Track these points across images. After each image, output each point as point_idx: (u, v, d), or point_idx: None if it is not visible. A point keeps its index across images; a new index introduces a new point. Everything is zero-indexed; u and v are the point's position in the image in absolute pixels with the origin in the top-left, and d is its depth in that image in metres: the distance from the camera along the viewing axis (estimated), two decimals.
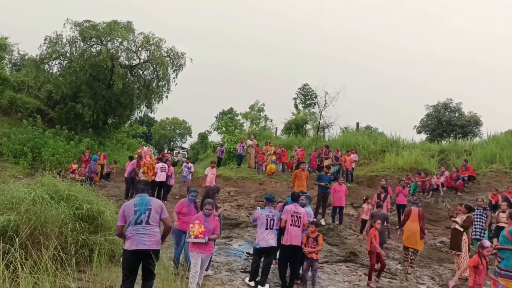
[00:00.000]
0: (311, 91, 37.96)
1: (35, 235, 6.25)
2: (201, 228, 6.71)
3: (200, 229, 6.70)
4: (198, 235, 6.67)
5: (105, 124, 28.60)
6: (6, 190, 7.14)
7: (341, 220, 13.17)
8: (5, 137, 21.90)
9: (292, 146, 22.82)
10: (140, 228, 5.49)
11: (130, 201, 5.85)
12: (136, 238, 5.42)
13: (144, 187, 5.95)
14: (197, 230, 6.70)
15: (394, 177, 17.75)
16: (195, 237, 6.66)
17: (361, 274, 9.15)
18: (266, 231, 7.66)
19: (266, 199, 8.12)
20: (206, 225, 6.77)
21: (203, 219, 6.83)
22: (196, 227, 6.71)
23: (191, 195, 7.99)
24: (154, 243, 5.52)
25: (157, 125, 65.77)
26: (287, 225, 7.77)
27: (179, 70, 28.36)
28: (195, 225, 6.75)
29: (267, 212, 7.80)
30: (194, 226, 6.73)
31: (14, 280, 4.62)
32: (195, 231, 6.69)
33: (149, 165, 15.54)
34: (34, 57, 26.55)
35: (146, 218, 5.56)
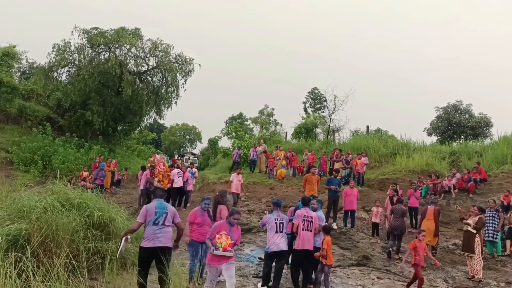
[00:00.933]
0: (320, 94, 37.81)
1: (46, 243, 6.25)
2: (228, 240, 6.21)
3: (228, 241, 6.19)
4: (227, 248, 6.16)
5: (115, 131, 28.70)
6: (17, 198, 7.19)
7: (353, 224, 13.06)
8: (15, 145, 22.04)
9: (303, 150, 22.68)
10: (157, 228, 6.17)
11: (151, 203, 6.49)
12: (153, 238, 6.11)
13: (162, 193, 6.89)
14: (225, 242, 6.17)
15: (405, 179, 17.64)
16: (224, 250, 6.14)
17: (374, 277, 9.07)
18: (276, 234, 7.61)
19: (273, 204, 8.18)
20: (231, 235, 6.38)
21: (228, 229, 6.41)
22: (224, 239, 6.19)
23: (204, 204, 7.66)
24: (168, 240, 6.25)
25: (167, 131, 65.94)
26: (299, 230, 7.74)
27: (187, 76, 28.41)
28: (222, 236, 6.21)
29: (275, 216, 7.78)
30: (221, 237, 6.20)
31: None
32: (223, 243, 6.16)
33: (164, 173, 15.19)
34: (42, 65, 26.74)
35: (162, 221, 6.23)
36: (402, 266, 9.02)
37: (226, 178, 21.39)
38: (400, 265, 9.16)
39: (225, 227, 6.43)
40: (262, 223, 8.09)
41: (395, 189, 13.49)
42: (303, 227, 7.73)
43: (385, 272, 9.57)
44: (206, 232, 7.10)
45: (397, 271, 9.76)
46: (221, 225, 6.48)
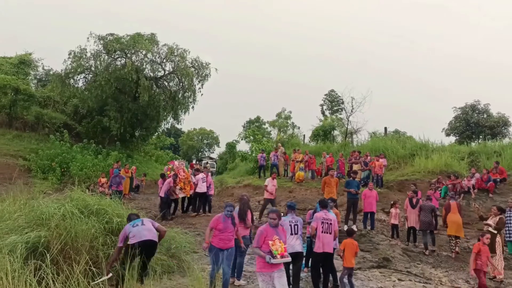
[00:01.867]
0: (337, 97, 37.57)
1: (66, 250, 6.23)
2: (283, 245, 5.86)
3: (283, 246, 5.84)
4: (284, 254, 5.81)
5: (132, 136, 28.88)
6: (36, 206, 7.20)
7: (372, 226, 13.00)
8: (33, 153, 22.25)
9: (321, 153, 22.45)
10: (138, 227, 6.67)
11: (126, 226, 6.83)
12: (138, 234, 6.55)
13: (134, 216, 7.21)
14: (281, 247, 5.80)
15: (424, 180, 17.42)
16: (282, 257, 5.78)
17: (395, 279, 8.95)
18: (291, 236, 7.60)
19: (288, 207, 8.20)
20: (280, 237, 6.02)
21: (274, 233, 6.01)
22: (278, 244, 5.81)
23: (226, 211, 7.38)
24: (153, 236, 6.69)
25: (185, 136, 66.36)
26: (318, 232, 7.74)
27: (204, 80, 28.54)
28: (275, 241, 5.83)
29: (290, 218, 7.81)
30: (275, 243, 5.81)
31: None
32: (278, 249, 5.78)
33: (185, 180, 14.81)
34: (59, 72, 27.06)
35: (141, 223, 6.77)
36: (472, 273, 8.66)
37: (245, 182, 21.30)
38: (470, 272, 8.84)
39: (272, 231, 6.02)
40: None
41: (414, 190, 13.28)
42: (322, 230, 7.74)
43: (406, 274, 9.42)
44: (227, 238, 7.00)
45: (418, 272, 9.64)
46: (266, 231, 6.05)
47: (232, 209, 7.38)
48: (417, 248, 11.70)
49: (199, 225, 13.04)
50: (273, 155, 21.69)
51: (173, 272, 7.80)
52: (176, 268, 7.93)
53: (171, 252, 8.14)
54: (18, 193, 8.73)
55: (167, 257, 7.88)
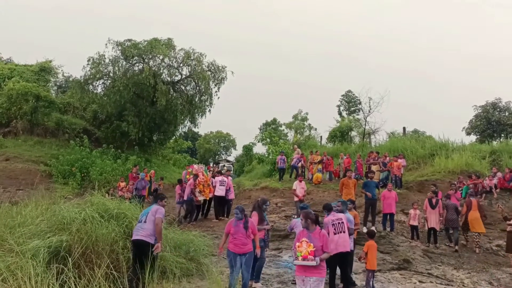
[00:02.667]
0: (354, 97, 37.45)
1: (87, 254, 6.29)
2: (310, 247, 5.70)
3: (309, 249, 5.68)
4: (307, 256, 5.67)
5: (150, 141, 29.17)
6: (57, 211, 7.31)
7: (392, 227, 12.83)
8: (54, 158, 22.64)
9: (338, 154, 22.27)
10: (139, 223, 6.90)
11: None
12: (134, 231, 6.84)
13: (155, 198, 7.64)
14: (306, 249, 5.68)
15: (445, 181, 17.15)
16: (304, 259, 5.68)
17: (416, 281, 8.89)
18: None
19: (300, 209, 8.43)
20: (312, 242, 5.86)
21: (307, 235, 5.90)
22: (304, 246, 5.71)
23: (235, 214, 7.39)
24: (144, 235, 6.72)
25: (202, 139, 66.73)
26: (330, 236, 7.61)
27: (220, 83, 28.66)
28: (302, 243, 5.75)
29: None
30: (301, 245, 5.74)
31: None
32: (302, 251, 5.70)
33: (204, 183, 14.67)
34: (78, 78, 27.57)
35: (144, 219, 6.89)
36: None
37: (262, 184, 21.26)
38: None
39: (305, 234, 5.94)
40: (290, 227, 8.38)
41: (434, 190, 13.09)
42: (334, 231, 7.73)
43: (427, 276, 9.32)
44: (241, 243, 6.98)
45: (440, 274, 9.55)
46: (302, 233, 6.02)
47: (238, 212, 7.30)
48: (438, 250, 11.54)
49: (217, 228, 13.09)
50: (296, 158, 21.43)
51: (192, 275, 7.84)
52: (195, 271, 7.97)
53: (189, 255, 8.19)
54: (40, 198, 8.92)
55: (186, 260, 7.92)
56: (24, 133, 25.45)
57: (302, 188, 14.54)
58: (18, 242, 6.07)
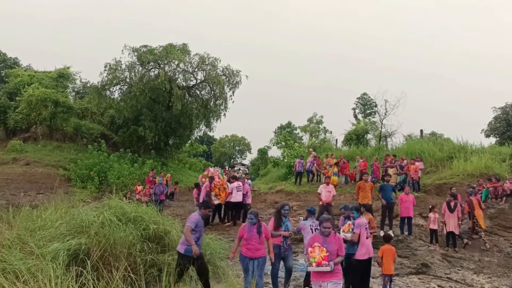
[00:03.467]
0: (370, 100, 37.05)
1: (105, 257, 6.34)
2: (323, 252, 5.60)
3: (322, 254, 5.59)
4: (321, 262, 5.57)
5: (166, 145, 29.46)
6: (76, 214, 7.40)
7: (410, 231, 12.67)
8: (73, 163, 23.06)
9: (354, 157, 22.12)
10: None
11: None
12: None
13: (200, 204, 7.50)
14: (319, 255, 5.58)
15: (463, 184, 16.84)
16: (318, 265, 5.58)
17: (435, 286, 8.79)
18: None
19: (308, 211, 8.47)
20: (327, 247, 5.75)
21: (322, 240, 5.80)
22: (317, 252, 5.61)
23: (248, 220, 7.30)
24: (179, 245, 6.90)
25: (217, 143, 66.94)
26: (362, 239, 7.65)
27: (235, 87, 28.78)
28: (314, 249, 5.65)
29: (310, 223, 8.09)
30: (314, 251, 5.64)
31: None
32: (316, 256, 5.61)
33: (220, 186, 14.45)
34: (95, 84, 27.95)
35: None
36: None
37: (277, 188, 21.22)
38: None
39: (319, 238, 5.85)
40: (298, 229, 8.37)
41: (452, 193, 12.87)
42: (366, 235, 7.73)
43: (446, 280, 9.19)
44: (254, 248, 6.94)
45: (459, 278, 9.39)
46: (313, 238, 5.97)
47: (252, 217, 7.23)
48: (457, 254, 11.34)
49: (233, 231, 13.07)
50: (310, 162, 21.25)
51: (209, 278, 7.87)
52: (211, 274, 7.97)
53: (205, 258, 8.22)
54: (59, 202, 9.07)
55: None
56: (44, 138, 25.99)
57: (328, 192, 13.61)
58: (38, 244, 6.17)
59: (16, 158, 23.34)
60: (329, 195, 13.49)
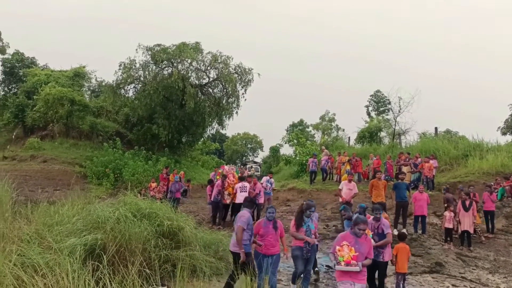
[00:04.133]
0: (383, 97, 36.74)
1: (121, 252, 6.43)
2: (352, 252, 5.45)
3: (351, 253, 5.43)
4: (350, 261, 5.41)
5: (179, 142, 29.68)
6: (92, 210, 7.50)
7: (424, 230, 12.52)
8: (88, 160, 23.45)
9: (367, 155, 21.98)
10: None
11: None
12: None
13: (245, 203, 7.40)
14: (348, 254, 5.42)
15: (479, 182, 16.60)
16: (347, 264, 5.42)
17: (449, 285, 8.65)
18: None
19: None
20: (358, 248, 5.57)
21: (353, 241, 5.63)
22: (346, 251, 5.45)
23: (268, 213, 7.19)
24: (232, 245, 6.94)
25: (229, 141, 67.14)
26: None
27: (247, 85, 28.86)
28: (343, 247, 5.49)
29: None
30: (343, 250, 5.47)
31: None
32: (344, 255, 5.44)
33: (234, 185, 13.85)
34: (110, 83, 28.35)
35: (235, 227, 6.96)
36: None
37: (290, 186, 21.23)
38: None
39: (350, 238, 5.68)
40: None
41: (466, 192, 12.72)
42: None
43: (461, 280, 9.03)
44: (269, 244, 6.92)
45: (474, 278, 9.22)
46: (344, 237, 5.78)
47: (273, 211, 7.19)
48: (472, 253, 11.18)
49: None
50: (324, 161, 21.05)
51: (221, 274, 7.90)
52: (225, 270, 8.04)
53: (219, 254, 8.32)
54: (75, 198, 9.24)
55: (216, 260, 8.02)
56: (60, 136, 26.42)
57: (349, 190, 13.15)
58: (56, 239, 6.26)
59: (34, 155, 23.81)
60: (349, 192, 13.11)
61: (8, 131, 27.93)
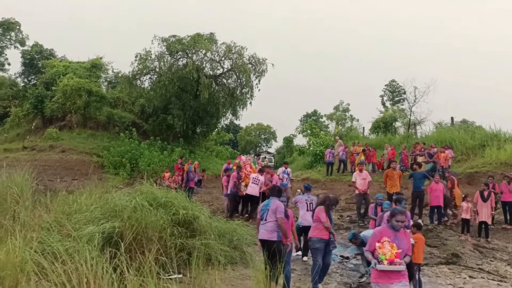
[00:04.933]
0: (398, 87, 36.29)
1: (138, 240, 6.55)
2: (394, 248, 4.79)
3: (393, 251, 4.77)
4: (394, 260, 4.73)
5: (194, 133, 29.90)
6: (110, 199, 7.62)
7: (439, 221, 12.44)
8: (106, 150, 23.82)
9: (381, 146, 21.82)
10: (262, 223, 6.88)
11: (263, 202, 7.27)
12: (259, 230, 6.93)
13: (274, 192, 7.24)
14: (390, 252, 4.76)
15: (496, 172, 16.29)
16: (390, 263, 4.73)
17: (466, 276, 8.52)
18: (307, 212, 8.79)
19: (305, 188, 9.62)
20: (398, 243, 4.91)
21: (392, 236, 4.95)
22: (387, 248, 4.78)
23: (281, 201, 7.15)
24: (266, 234, 6.76)
25: (243, 132, 67.13)
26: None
27: (261, 76, 28.86)
28: (384, 244, 4.82)
29: (306, 197, 9.12)
30: (384, 246, 4.80)
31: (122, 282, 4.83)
32: (386, 253, 4.76)
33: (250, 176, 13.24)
34: (126, 74, 28.57)
35: (265, 216, 6.84)
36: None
37: (303, 176, 21.22)
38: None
39: (388, 233, 5.00)
40: (294, 201, 9.63)
41: (485, 182, 12.55)
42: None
43: (478, 271, 8.91)
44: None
45: (491, 269, 9.08)
46: (382, 232, 5.08)
47: (284, 200, 7.34)
48: (489, 244, 11.01)
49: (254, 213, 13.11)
50: (341, 151, 20.72)
51: (236, 263, 8.00)
52: (239, 259, 8.14)
53: (233, 244, 8.40)
54: (93, 187, 9.37)
55: (230, 249, 8.08)
56: (78, 127, 26.84)
57: (363, 179, 13.07)
58: (74, 227, 6.37)
59: (52, 145, 24.29)
60: (364, 182, 13.05)
61: (27, 122, 28.45)
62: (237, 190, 13.23)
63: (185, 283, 6.24)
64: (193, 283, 6.09)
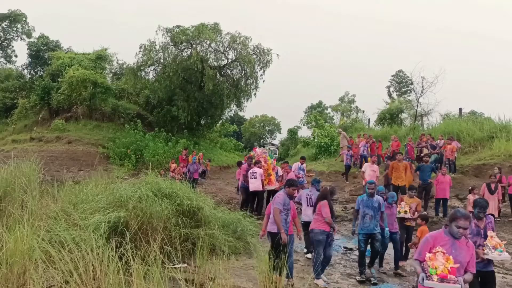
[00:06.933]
0: (405, 77, 35.99)
1: (143, 230, 6.66)
2: (449, 262, 3.81)
3: (448, 265, 3.79)
4: (447, 276, 3.76)
5: (198, 124, 29.99)
6: (115, 189, 7.73)
7: (445, 213, 12.30)
8: (111, 141, 23.98)
9: (388, 137, 21.68)
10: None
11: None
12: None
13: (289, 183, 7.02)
14: (443, 265, 3.79)
15: (505, 165, 16.16)
16: (442, 279, 3.76)
17: None
18: (308, 207, 8.42)
19: (312, 182, 9.04)
20: (456, 255, 3.93)
21: (449, 244, 3.99)
22: (440, 260, 3.82)
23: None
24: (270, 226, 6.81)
25: (247, 123, 67.03)
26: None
27: (266, 67, 28.72)
28: (436, 255, 3.86)
29: (307, 192, 8.72)
30: (436, 258, 3.84)
31: (127, 270, 4.92)
32: (438, 266, 3.79)
33: (265, 171, 12.26)
34: (131, 65, 28.64)
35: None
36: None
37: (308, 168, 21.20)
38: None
39: (444, 241, 4.03)
40: (298, 198, 9.02)
41: (493, 174, 12.46)
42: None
43: None
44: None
45: (497, 263, 9.03)
46: (436, 238, 4.09)
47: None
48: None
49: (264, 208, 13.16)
50: (362, 146, 19.75)
51: (240, 253, 8.10)
52: (243, 249, 8.25)
53: (237, 234, 8.49)
54: (99, 178, 9.48)
55: (234, 239, 8.19)
56: (84, 118, 26.97)
57: (373, 171, 13.03)
58: (81, 217, 6.48)
59: (59, 136, 24.49)
60: (373, 174, 12.99)
61: (34, 113, 28.59)
62: (247, 183, 12.23)
63: (189, 272, 6.33)
64: (197, 273, 6.18)
